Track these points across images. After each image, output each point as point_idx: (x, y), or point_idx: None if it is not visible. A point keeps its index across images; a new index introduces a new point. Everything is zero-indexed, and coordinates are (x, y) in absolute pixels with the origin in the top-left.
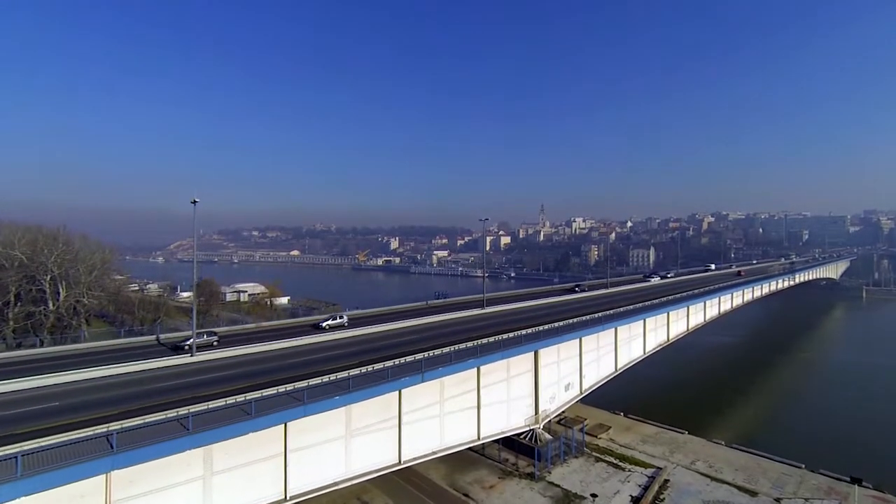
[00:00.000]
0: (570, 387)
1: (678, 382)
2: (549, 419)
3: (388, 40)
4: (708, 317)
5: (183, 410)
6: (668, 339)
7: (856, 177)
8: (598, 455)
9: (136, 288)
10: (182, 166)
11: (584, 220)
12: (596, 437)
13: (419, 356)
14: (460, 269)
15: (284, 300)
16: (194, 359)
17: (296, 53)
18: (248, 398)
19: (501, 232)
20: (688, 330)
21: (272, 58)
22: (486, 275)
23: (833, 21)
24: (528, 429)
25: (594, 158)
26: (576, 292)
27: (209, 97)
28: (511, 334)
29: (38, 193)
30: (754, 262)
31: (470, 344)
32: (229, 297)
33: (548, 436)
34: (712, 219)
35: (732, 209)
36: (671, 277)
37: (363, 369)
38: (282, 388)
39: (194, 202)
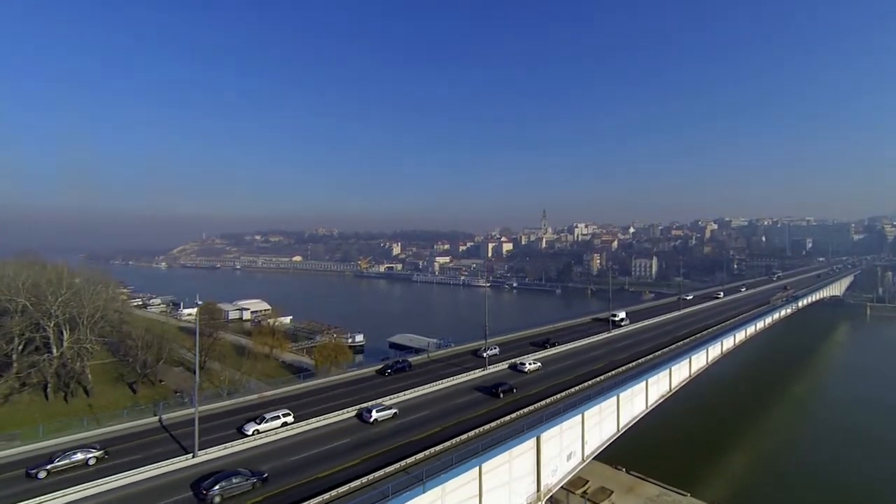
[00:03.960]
0: (573, 455)
1: (674, 421)
2: (551, 494)
3: (390, 43)
4: (710, 358)
5: None
6: (670, 390)
7: (860, 181)
8: None
9: (140, 303)
10: (185, 169)
11: (586, 226)
12: None
13: (421, 455)
14: (462, 277)
15: (287, 320)
16: (197, 459)
17: (296, 55)
18: None
19: (503, 238)
20: (690, 376)
21: (273, 60)
22: (489, 284)
23: (838, 25)
24: None
25: (596, 162)
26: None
27: (211, 100)
28: (514, 415)
29: (43, 196)
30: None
31: (472, 433)
32: (232, 316)
33: None
34: (715, 226)
35: (735, 215)
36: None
37: (364, 479)
38: None
39: (198, 304)
